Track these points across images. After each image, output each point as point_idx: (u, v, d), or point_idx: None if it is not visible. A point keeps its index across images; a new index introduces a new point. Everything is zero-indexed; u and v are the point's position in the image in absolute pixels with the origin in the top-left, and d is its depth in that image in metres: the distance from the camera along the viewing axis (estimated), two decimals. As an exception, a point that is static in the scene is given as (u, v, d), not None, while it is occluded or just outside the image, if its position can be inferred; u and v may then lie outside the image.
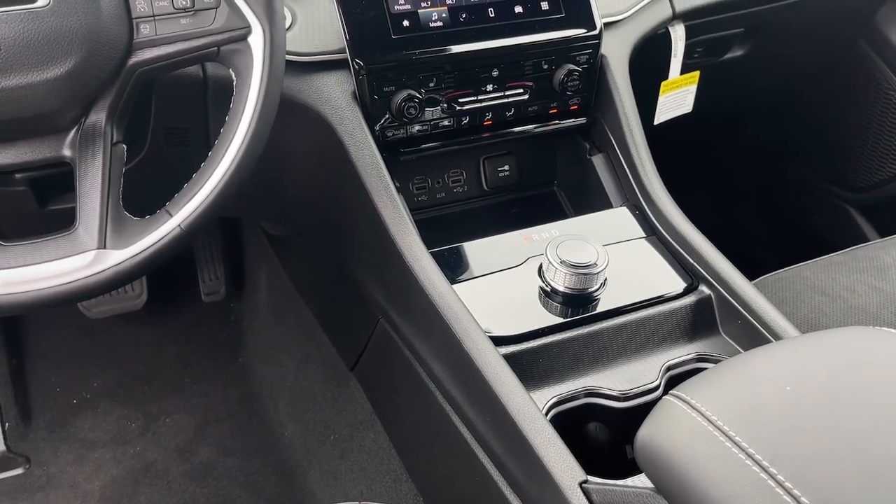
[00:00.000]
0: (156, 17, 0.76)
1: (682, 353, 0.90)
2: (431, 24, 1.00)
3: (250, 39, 0.79)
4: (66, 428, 1.54)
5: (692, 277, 0.96)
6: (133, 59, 0.77)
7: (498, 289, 0.94)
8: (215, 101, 1.02)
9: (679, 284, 0.96)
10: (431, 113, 1.03)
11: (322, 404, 1.45)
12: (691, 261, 0.97)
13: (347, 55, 0.98)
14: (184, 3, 0.77)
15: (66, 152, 0.80)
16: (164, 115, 1.03)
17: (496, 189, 1.19)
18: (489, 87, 1.05)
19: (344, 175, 1.01)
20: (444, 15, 1.01)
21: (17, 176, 0.97)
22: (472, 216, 1.18)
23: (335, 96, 0.99)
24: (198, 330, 1.73)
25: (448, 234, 1.02)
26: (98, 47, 0.74)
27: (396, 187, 0.99)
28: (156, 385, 1.65)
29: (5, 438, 1.47)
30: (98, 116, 0.79)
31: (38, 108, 0.75)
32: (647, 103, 1.26)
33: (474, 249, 0.99)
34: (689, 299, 0.94)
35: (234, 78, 0.81)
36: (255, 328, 1.70)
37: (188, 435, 1.57)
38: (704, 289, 0.95)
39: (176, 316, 1.76)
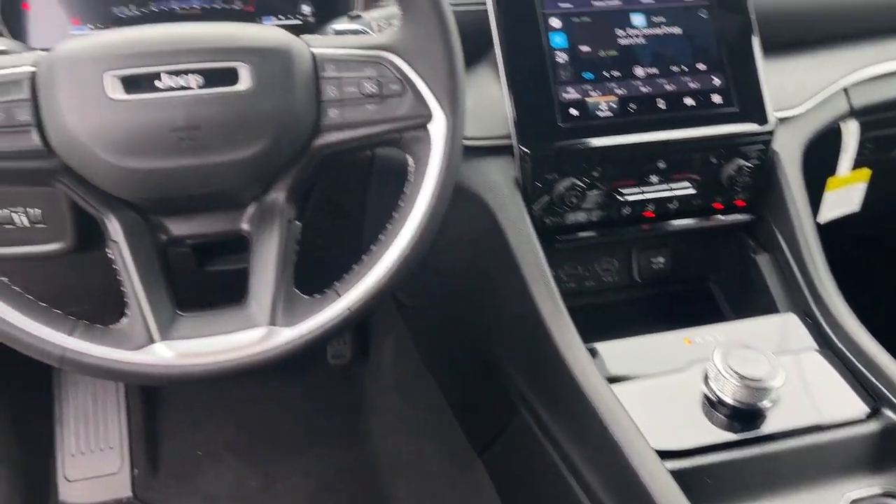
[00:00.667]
0: (344, 103, 0.78)
1: (866, 486, 0.82)
2: (599, 114, 0.99)
3: (431, 127, 0.79)
4: (189, 480, 1.56)
5: (875, 400, 0.88)
6: (318, 142, 0.78)
7: (658, 393, 0.89)
8: (378, 177, 1.03)
9: (860, 408, 0.87)
10: (592, 202, 1.00)
11: (442, 485, 1.42)
12: (874, 380, 0.89)
13: (513, 141, 0.97)
14: (372, 89, 0.78)
15: (244, 226, 0.82)
16: (324, 187, 1.05)
17: (647, 281, 1.14)
18: (653, 179, 1.02)
19: (499, 259, 0.99)
20: (613, 105, 0.99)
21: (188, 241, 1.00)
22: (620, 307, 1.13)
23: (497, 181, 0.98)
24: (320, 392, 1.74)
25: (597, 324, 0.98)
26: (288, 130, 0.76)
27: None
28: (276, 444, 1.66)
29: (133, 485, 1.50)
30: (277, 195, 0.80)
31: (226, 185, 0.77)
32: (810, 200, 1.19)
33: (632, 347, 0.94)
34: (873, 426, 0.86)
35: (412, 163, 0.81)
36: (378, 396, 1.69)
37: (303, 500, 1.56)
38: (891, 414, 0.86)
39: (300, 375, 1.77)
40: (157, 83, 0.71)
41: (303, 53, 0.77)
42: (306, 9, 1.08)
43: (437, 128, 0.79)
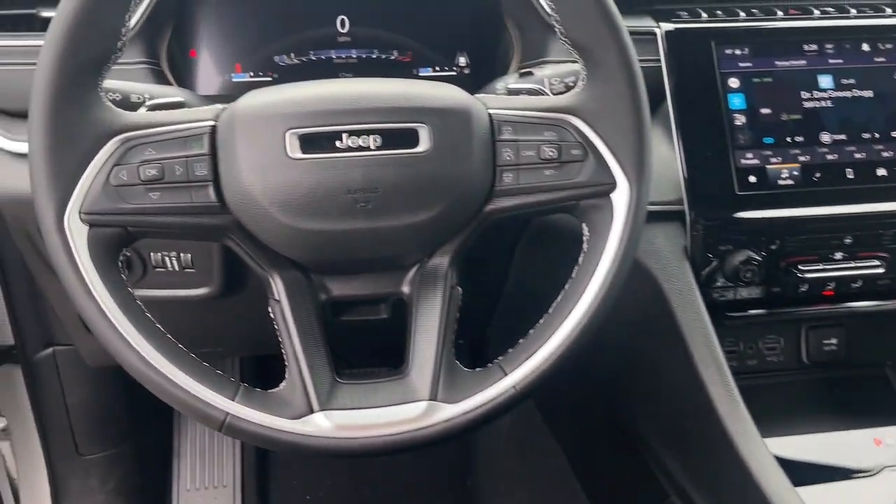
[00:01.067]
0: (520, 167, 0.73)
1: None
2: (780, 182, 0.91)
3: (613, 196, 0.74)
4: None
5: None
6: (490, 206, 0.74)
7: (845, 499, 0.79)
8: (530, 238, 0.98)
9: None
10: (767, 277, 0.92)
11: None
12: None
13: (685, 207, 0.90)
14: (550, 154, 0.73)
15: (405, 289, 0.78)
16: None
17: (818, 363, 1.04)
18: (837, 256, 0.93)
19: (661, 329, 0.92)
20: (795, 173, 0.91)
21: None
22: (785, 391, 1.03)
23: (665, 250, 0.91)
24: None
25: (761, 407, 0.89)
26: (463, 195, 0.72)
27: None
28: (384, 495, 1.61)
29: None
30: (442, 259, 0.76)
31: (397, 250, 0.73)
32: None
33: (814, 444, 0.85)
34: None
35: (588, 232, 0.76)
36: (492, 453, 1.62)
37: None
38: None
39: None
40: (337, 143, 0.69)
41: (481, 114, 0.73)
42: (462, 60, 1.05)
43: (620, 197, 0.73)
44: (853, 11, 0.97)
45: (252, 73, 1.02)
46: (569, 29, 0.72)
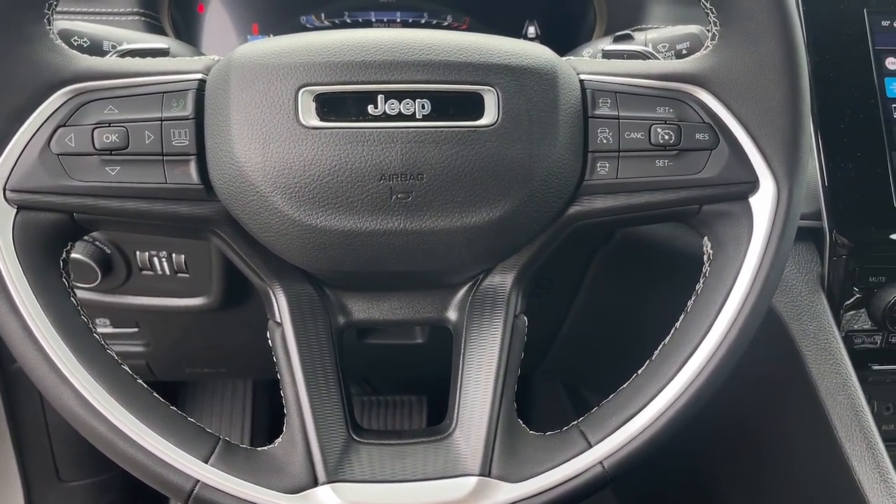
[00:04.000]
0: (622, 154, 0.53)
1: None
2: (954, 195, 0.68)
3: (754, 199, 0.52)
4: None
5: None
6: (576, 208, 0.53)
7: None
8: (614, 252, 0.77)
9: None
10: (928, 321, 0.69)
11: None
12: None
13: (823, 224, 0.68)
14: (666, 137, 0.52)
15: (451, 316, 0.58)
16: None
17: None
18: None
19: (786, 388, 0.70)
20: (974, 184, 0.69)
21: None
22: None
23: (793, 279, 0.69)
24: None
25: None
26: (540, 190, 0.51)
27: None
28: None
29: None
30: (504, 278, 0.56)
31: (443, 262, 0.53)
32: None
33: None
34: None
35: (711, 251, 0.54)
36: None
37: None
38: None
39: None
40: (369, 108, 0.49)
41: (570, 80, 0.52)
42: (532, 31, 0.85)
43: (763, 202, 0.52)
44: None
45: (272, 36, 0.83)
46: None
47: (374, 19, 0.83)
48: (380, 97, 0.49)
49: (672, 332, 0.54)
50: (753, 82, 0.51)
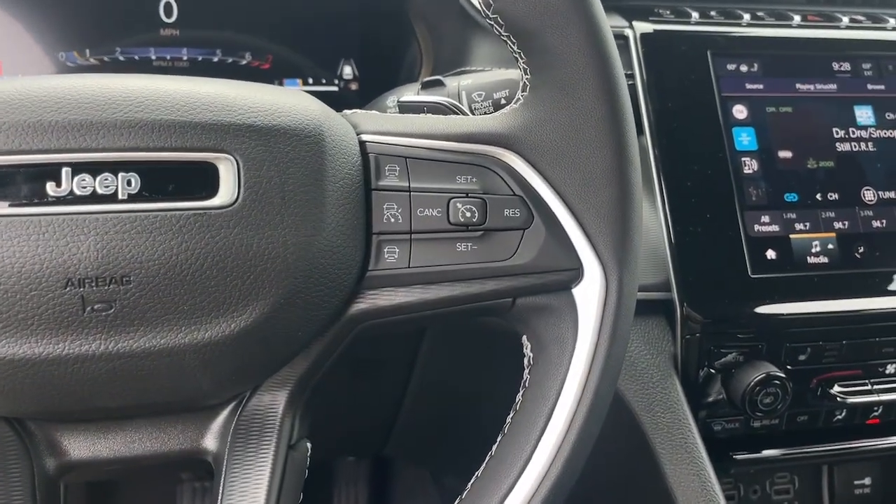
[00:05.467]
0: (414, 236, 0.41)
1: None
2: (811, 260, 0.61)
3: (577, 291, 0.42)
4: None
5: None
6: (359, 306, 0.41)
7: None
8: (440, 330, 0.65)
9: None
10: (794, 402, 0.61)
11: None
12: None
13: (673, 296, 0.59)
14: (468, 214, 0.41)
15: (209, 444, 0.44)
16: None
17: (845, 512, 0.74)
18: (890, 370, 0.63)
19: (641, 486, 0.60)
20: (831, 246, 0.62)
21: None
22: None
23: (641, 362, 0.59)
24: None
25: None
26: (305, 287, 0.38)
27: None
28: None
29: None
30: (274, 397, 0.42)
31: (173, 393, 0.39)
32: None
33: None
34: None
35: (531, 352, 0.43)
36: None
37: None
38: None
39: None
40: (48, 187, 0.35)
41: (345, 142, 0.40)
42: (348, 71, 0.73)
43: (590, 292, 0.42)
44: (892, 22, 0.70)
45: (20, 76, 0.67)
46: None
47: (153, 56, 0.69)
48: (64, 171, 0.35)
49: (500, 437, 0.43)
50: (571, 143, 0.41)
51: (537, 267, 0.41)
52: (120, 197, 0.36)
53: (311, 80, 0.72)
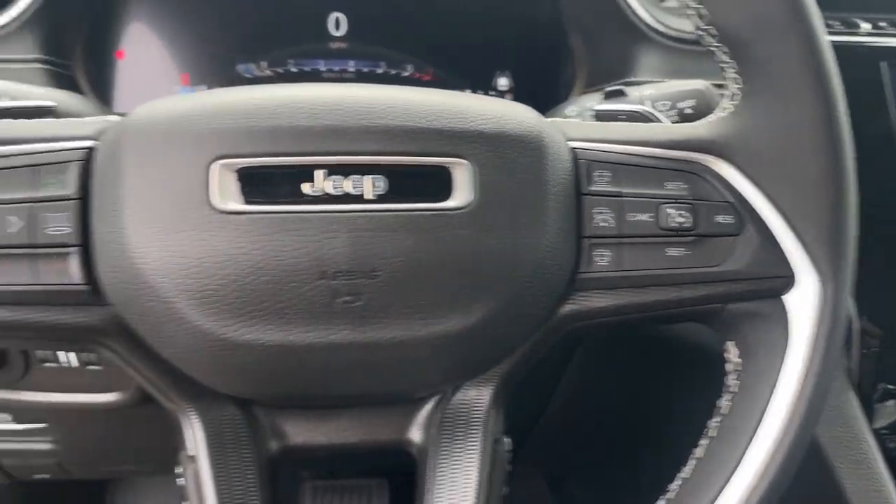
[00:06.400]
0: (625, 240, 0.42)
1: None
2: None
3: (789, 298, 0.42)
4: None
5: None
6: (569, 308, 0.42)
7: None
8: (594, 343, 0.66)
9: None
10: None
11: None
12: None
13: (850, 308, 0.58)
14: (679, 220, 0.42)
15: (414, 436, 0.46)
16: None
17: None
18: None
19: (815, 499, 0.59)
20: None
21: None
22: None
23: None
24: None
25: None
26: (527, 288, 0.40)
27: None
28: None
29: None
30: (480, 392, 0.44)
31: (403, 382, 0.41)
32: None
33: None
34: None
35: (737, 358, 0.44)
36: None
37: None
38: None
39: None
40: (304, 187, 0.37)
41: (560, 149, 0.42)
42: (504, 82, 0.75)
43: (803, 301, 0.42)
44: None
45: (205, 88, 0.72)
46: (716, 5, 0.41)
47: (323, 68, 0.73)
48: (319, 173, 0.38)
49: (705, 441, 0.43)
50: (786, 151, 0.41)
51: (750, 273, 0.42)
52: (368, 197, 0.38)
53: (467, 92, 0.75)
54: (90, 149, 0.39)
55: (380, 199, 0.38)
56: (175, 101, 0.40)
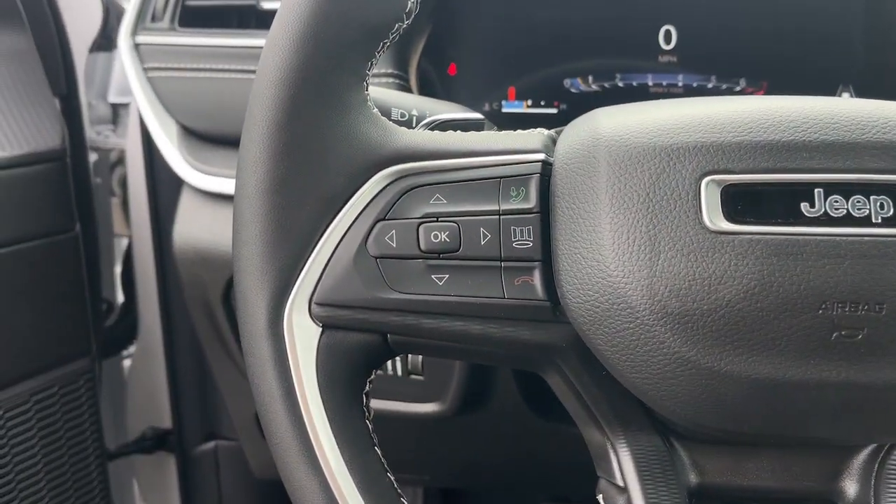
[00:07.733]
0: None
1: None
2: None
3: None
4: None
5: None
6: None
7: None
8: None
9: None
10: None
11: None
12: None
13: None
14: None
15: (847, 487, 0.41)
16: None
17: None
18: None
19: None
20: None
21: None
22: None
23: None
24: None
25: None
26: None
27: None
28: None
29: None
30: None
31: (883, 426, 0.37)
32: None
33: None
34: None
35: None
36: None
37: None
38: None
39: None
40: (803, 207, 0.34)
41: None
42: (846, 97, 0.69)
43: None
44: None
45: (530, 102, 0.71)
46: None
47: (650, 83, 0.70)
48: (818, 192, 0.34)
49: None
50: None
51: None
52: (874, 220, 0.34)
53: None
54: (544, 162, 0.38)
55: (885, 223, 0.34)
56: (643, 111, 0.38)
